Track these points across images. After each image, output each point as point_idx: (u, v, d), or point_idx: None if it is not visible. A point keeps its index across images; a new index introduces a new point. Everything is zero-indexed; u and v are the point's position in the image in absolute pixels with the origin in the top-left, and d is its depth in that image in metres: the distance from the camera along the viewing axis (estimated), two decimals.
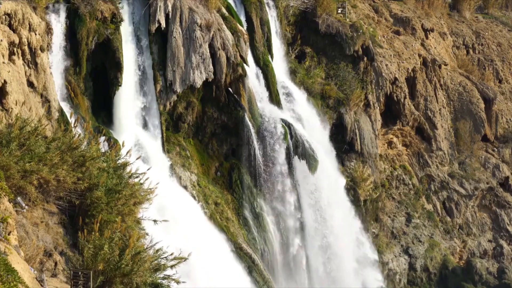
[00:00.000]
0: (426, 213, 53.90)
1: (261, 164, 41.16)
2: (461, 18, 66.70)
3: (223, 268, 35.62)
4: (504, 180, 58.11)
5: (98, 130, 32.39)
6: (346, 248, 45.68)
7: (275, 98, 43.92)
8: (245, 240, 39.57)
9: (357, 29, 49.81)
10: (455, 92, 59.37)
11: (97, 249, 18.02)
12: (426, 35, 59.00)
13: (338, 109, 48.15)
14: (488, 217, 57.04)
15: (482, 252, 55.23)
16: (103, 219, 19.61)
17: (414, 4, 61.40)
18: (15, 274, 14.33)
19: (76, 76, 35.11)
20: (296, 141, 42.20)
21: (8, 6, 28.81)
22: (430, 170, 55.39)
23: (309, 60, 49.67)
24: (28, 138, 20.26)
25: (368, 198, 49.46)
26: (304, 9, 49.78)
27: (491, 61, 65.15)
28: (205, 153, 41.17)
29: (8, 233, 16.47)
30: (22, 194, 19.29)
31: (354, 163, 48.61)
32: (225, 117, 40.85)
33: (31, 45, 30.10)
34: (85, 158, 20.94)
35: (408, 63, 54.47)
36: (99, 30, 35.40)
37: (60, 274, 18.54)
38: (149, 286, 18.71)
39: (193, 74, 38.43)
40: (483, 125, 58.63)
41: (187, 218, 35.01)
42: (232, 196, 40.93)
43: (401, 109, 53.74)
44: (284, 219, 42.54)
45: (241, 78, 40.53)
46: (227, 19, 41.37)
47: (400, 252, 51.39)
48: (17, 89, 27.85)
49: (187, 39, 38.72)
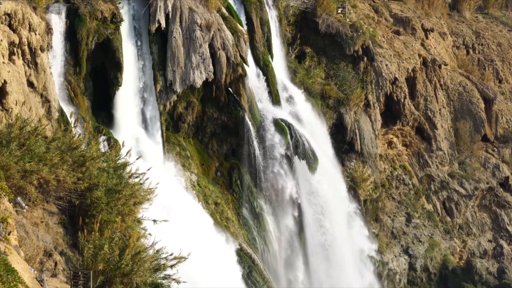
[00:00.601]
0: (426, 213, 53.88)
1: (261, 164, 41.16)
2: (461, 18, 66.68)
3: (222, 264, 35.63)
4: (504, 180, 58.11)
5: (98, 130, 32.37)
6: (346, 248, 45.68)
7: (275, 98, 43.91)
8: (245, 240, 39.56)
9: (357, 29, 49.81)
10: (455, 92, 59.36)
11: (97, 249, 18.01)
12: (426, 35, 58.99)
13: (338, 109, 48.15)
14: (488, 217, 57.04)
15: (482, 252, 55.22)
16: (103, 219, 19.58)
17: (414, 4, 61.38)
18: (15, 274, 14.32)
19: (76, 76, 35.11)
20: (296, 141, 42.19)
21: (8, 6, 28.80)
22: (430, 170, 55.39)
23: (309, 60, 49.67)
24: (28, 138, 20.23)
25: (368, 198, 49.47)
26: (304, 9, 49.78)
27: (491, 61, 65.14)
28: (205, 153, 41.16)
29: (8, 233, 16.47)
30: (22, 194, 19.28)
31: (354, 163, 48.62)
32: (225, 117, 40.84)
33: (31, 45, 30.10)
34: (85, 158, 20.91)
35: (408, 63, 54.46)
36: (99, 30, 35.41)
37: (60, 274, 18.54)
38: (149, 286, 18.69)
39: (193, 74, 38.41)
40: (483, 125, 58.62)
41: (187, 217, 34.98)
42: (232, 196, 40.93)
43: (401, 109, 53.74)
44: (284, 219, 42.54)
45: (241, 78, 40.52)
46: (227, 19, 41.36)
47: (400, 252, 51.39)
48: (17, 89, 27.85)
49: (187, 39, 38.71)
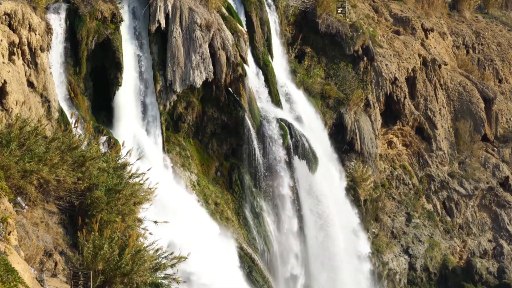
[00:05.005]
0: (426, 213, 53.88)
1: (261, 164, 41.15)
2: (461, 18, 66.69)
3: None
4: (504, 180, 58.11)
5: (98, 130, 32.34)
6: (345, 247, 45.67)
7: (275, 98, 43.91)
8: (245, 240, 39.56)
9: (357, 29, 49.81)
10: (455, 92, 59.35)
11: (97, 249, 18.02)
12: (426, 35, 58.97)
13: (338, 109, 48.14)
14: (488, 217, 57.04)
15: (482, 252, 55.22)
16: (103, 219, 19.61)
17: (414, 4, 61.38)
18: (15, 274, 14.32)
19: (76, 76, 35.12)
20: (296, 141, 42.19)
21: (8, 6, 28.80)
22: (430, 170, 55.38)
23: (309, 60, 49.65)
24: (28, 138, 20.26)
25: (368, 198, 49.47)
26: (304, 9, 49.78)
27: (491, 61, 65.14)
28: (205, 153, 41.16)
29: (8, 233, 16.48)
30: (22, 194, 19.29)
31: (354, 163, 48.60)
32: (225, 117, 40.84)
33: (31, 45, 30.10)
34: (85, 158, 20.93)
35: (408, 63, 54.45)
36: (99, 30, 35.41)
37: (60, 274, 18.55)
38: (149, 285, 18.71)
39: (193, 74, 38.41)
40: (483, 125, 58.62)
41: (187, 217, 35.00)
42: (232, 196, 40.93)
43: (401, 109, 53.72)
44: (284, 219, 42.53)
45: (241, 78, 40.52)
46: (227, 19, 41.36)
47: (400, 252, 51.38)
48: (17, 89, 27.85)
49: (187, 39, 38.71)
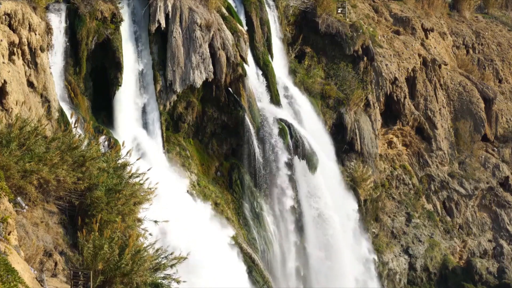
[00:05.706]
0: (426, 213, 53.88)
1: (261, 164, 41.15)
2: (461, 18, 66.69)
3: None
4: (504, 180, 58.11)
5: (98, 130, 32.36)
6: (345, 247, 45.65)
7: (275, 98, 43.91)
8: (245, 240, 39.55)
9: (357, 29, 49.81)
10: (455, 92, 59.35)
11: (97, 249, 18.02)
12: (426, 35, 58.97)
13: (338, 109, 48.15)
14: (488, 217, 57.04)
15: (482, 252, 55.21)
16: (103, 219, 19.61)
17: (414, 4, 61.38)
18: (15, 274, 14.32)
19: (76, 76, 35.12)
20: (296, 141, 42.19)
21: (8, 6, 28.80)
22: (430, 170, 55.38)
23: (309, 60, 49.65)
24: (28, 138, 20.26)
25: (368, 198, 49.47)
26: (304, 9, 49.78)
27: (491, 61, 65.14)
28: (205, 153, 41.16)
29: (8, 233, 16.47)
30: (22, 194, 19.29)
31: (354, 163, 48.60)
32: (225, 117, 40.84)
33: (31, 45, 30.10)
34: (85, 158, 20.94)
35: (408, 63, 54.45)
36: (99, 30, 35.40)
37: (60, 274, 18.55)
38: (149, 285, 18.71)
39: (193, 74, 38.41)
40: (483, 125, 58.61)
41: (187, 217, 34.99)
42: (232, 196, 40.92)
43: (401, 109, 53.72)
44: (284, 219, 42.53)
45: (241, 78, 40.52)
46: (227, 19, 41.36)
47: (400, 252, 51.38)
48: (17, 89, 27.85)
49: (187, 39, 38.70)
